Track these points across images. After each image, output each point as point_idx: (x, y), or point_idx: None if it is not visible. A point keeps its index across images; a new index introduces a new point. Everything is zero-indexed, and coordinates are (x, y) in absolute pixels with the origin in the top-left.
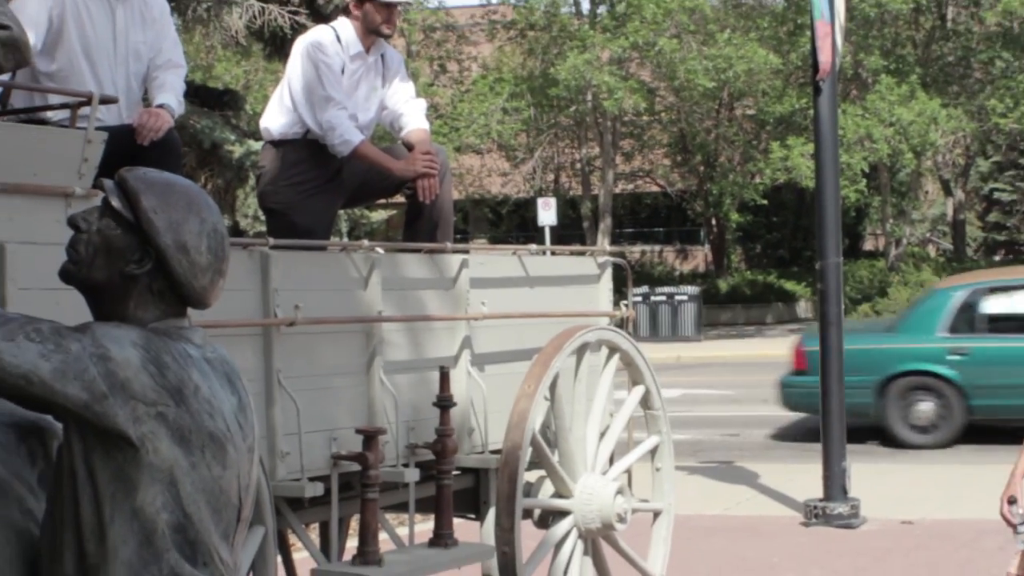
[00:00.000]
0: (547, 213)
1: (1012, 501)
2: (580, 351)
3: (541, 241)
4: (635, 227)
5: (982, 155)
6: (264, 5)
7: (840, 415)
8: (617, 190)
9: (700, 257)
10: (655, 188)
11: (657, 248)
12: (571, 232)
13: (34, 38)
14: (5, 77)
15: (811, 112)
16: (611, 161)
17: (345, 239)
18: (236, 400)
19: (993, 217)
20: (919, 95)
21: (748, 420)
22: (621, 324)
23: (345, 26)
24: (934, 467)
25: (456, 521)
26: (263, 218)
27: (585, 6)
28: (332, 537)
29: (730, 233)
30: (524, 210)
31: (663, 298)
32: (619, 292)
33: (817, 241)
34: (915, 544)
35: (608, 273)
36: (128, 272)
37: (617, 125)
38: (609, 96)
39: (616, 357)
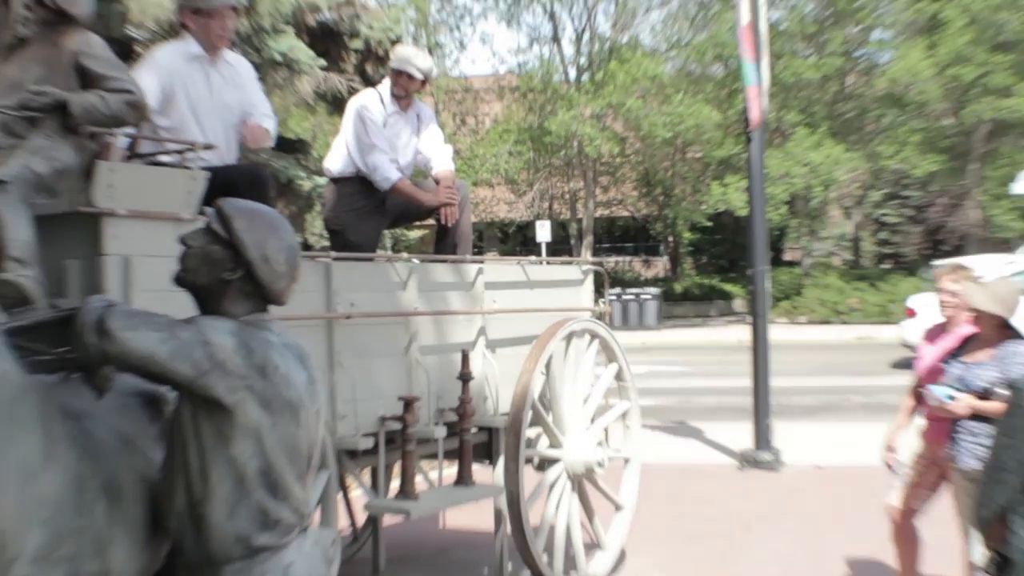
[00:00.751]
0: (543, 232)
1: (892, 450)
2: (568, 338)
3: (538, 254)
4: (610, 243)
5: (873, 188)
6: (326, 74)
7: (765, 384)
8: (596, 214)
9: (660, 266)
10: (625, 213)
11: (627, 259)
12: (561, 246)
13: (153, 99)
14: (131, 130)
15: (744, 155)
16: (592, 192)
17: (389, 252)
18: (306, 376)
19: (882, 235)
20: (826, 143)
21: (697, 389)
22: (600, 317)
23: (386, 89)
24: (839, 425)
25: (474, 467)
26: (326, 236)
27: (572, 74)
28: (380, 479)
29: (683, 247)
30: (526, 230)
31: (632, 297)
32: (598, 292)
33: (749, 253)
34: (823, 484)
35: (590, 278)
36: (224, 278)
37: (596, 165)
38: (590, 143)
39: (596, 342)
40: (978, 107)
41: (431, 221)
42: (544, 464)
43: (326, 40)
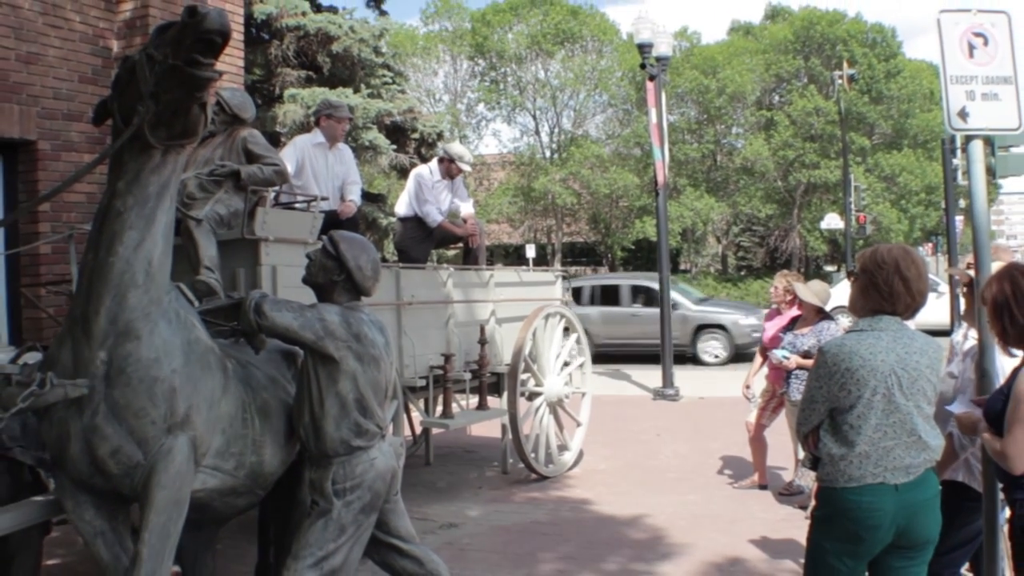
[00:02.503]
0: (530, 251)
1: (748, 387)
2: (546, 317)
3: (527, 265)
4: (572, 257)
5: (734, 224)
6: (396, 154)
7: (669, 345)
8: (564, 240)
9: (603, 272)
10: (581, 239)
11: (582, 267)
12: (542, 260)
13: (291, 169)
14: (277, 189)
15: (654, 204)
16: (560, 227)
17: (435, 263)
18: (384, 340)
19: (740, 254)
20: (704, 196)
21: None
22: (566, 304)
23: (434, 165)
24: (715, 372)
25: (489, 398)
26: (396, 254)
27: (547, 153)
28: (429, 405)
29: (617, 261)
30: (520, 250)
31: None
32: (567, 286)
33: (658, 265)
34: (706, 409)
35: (560, 280)
36: (333, 279)
37: (562, 210)
38: (559, 196)
39: (563, 320)
40: (798, 175)
41: (460, 244)
42: (532, 396)
43: (396, 133)
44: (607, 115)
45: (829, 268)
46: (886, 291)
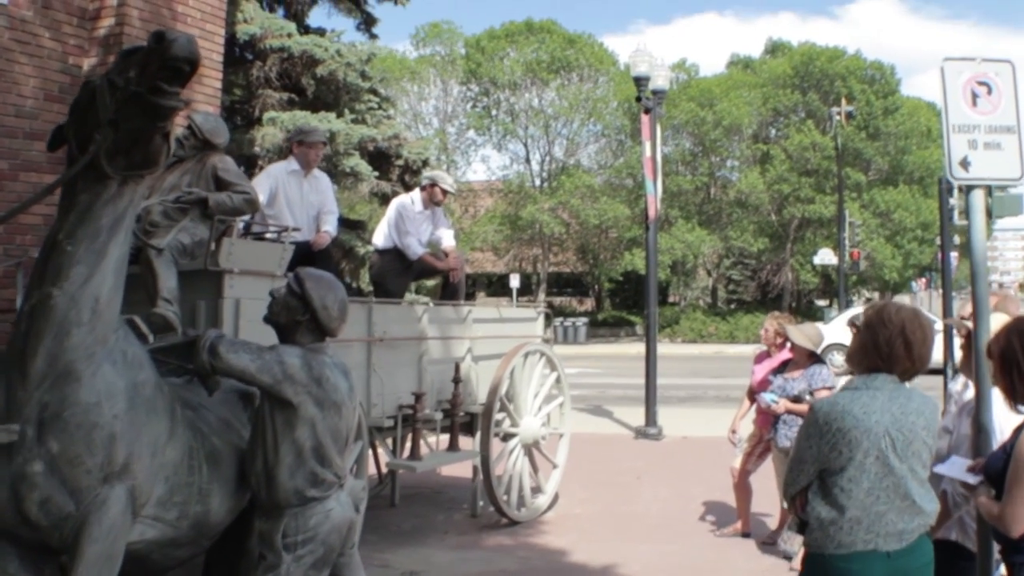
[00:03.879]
0: (514, 281)
1: (734, 432)
2: (525, 356)
3: (511, 295)
4: (558, 287)
5: (726, 257)
6: (378, 181)
7: (654, 382)
8: (549, 270)
9: (589, 303)
10: (568, 269)
11: (568, 298)
12: (527, 290)
13: (263, 197)
14: (247, 219)
15: (644, 236)
16: (546, 256)
17: (413, 295)
18: (347, 385)
19: (731, 287)
20: (696, 229)
21: (610, 385)
22: (546, 342)
23: (416, 195)
24: (701, 410)
25: (461, 438)
26: (372, 286)
27: (537, 182)
28: (396, 446)
29: (604, 292)
30: (504, 279)
31: (569, 323)
32: (549, 323)
33: (645, 298)
34: (689, 449)
35: (541, 317)
36: (297, 319)
37: (550, 239)
38: (546, 225)
39: (544, 359)
40: (792, 209)
41: (439, 278)
42: (507, 437)
43: (380, 159)
44: (600, 145)
45: (821, 303)
46: (886, 351)
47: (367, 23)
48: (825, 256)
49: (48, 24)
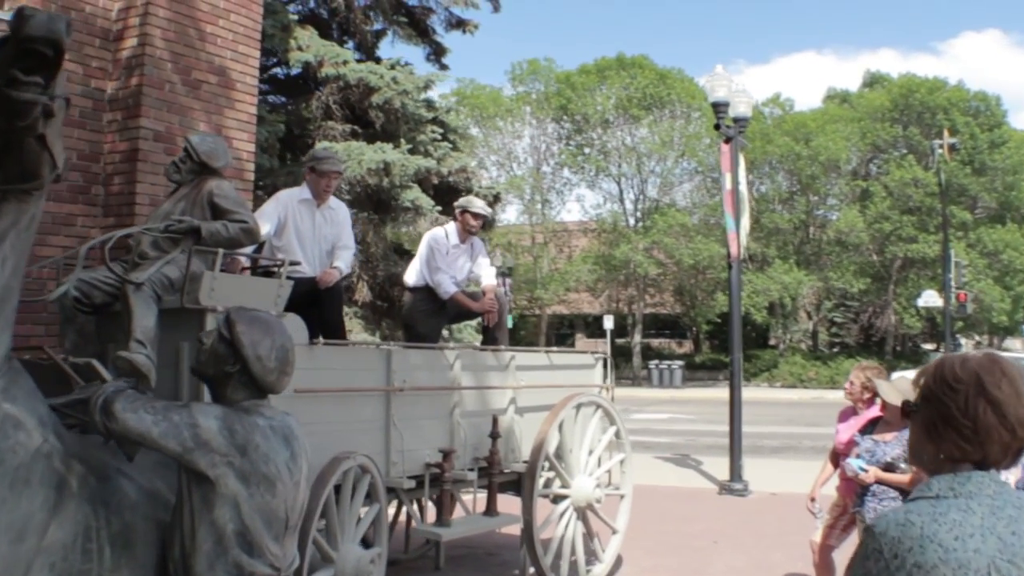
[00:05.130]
0: (608, 323)
1: (813, 500)
2: (577, 407)
3: (605, 338)
4: (655, 329)
5: (827, 299)
6: (441, 216)
7: (739, 432)
8: (645, 311)
9: (687, 345)
10: (665, 311)
11: (666, 340)
12: (622, 332)
13: (269, 227)
14: (249, 250)
15: (743, 275)
16: (641, 296)
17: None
18: (289, 453)
19: (833, 330)
20: (794, 269)
21: (701, 432)
22: (607, 389)
23: (452, 227)
24: (795, 461)
25: (507, 497)
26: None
27: (631, 221)
28: (423, 508)
29: (702, 334)
30: (600, 321)
31: (665, 366)
32: (616, 368)
33: (729, 341)
34: (776, 508)
35: (600, 364)
36: (226, 371)
37: (645, 279)
38: (640, 265)
39: (600, 411)
40: (894, 248)
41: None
42: (557, 499)
43: (447, 193)
44: (695, 183)
45: (927, 347)
46: (967, 427)
47: (436, 53)
48: (930, 298)
49: (69, 46)
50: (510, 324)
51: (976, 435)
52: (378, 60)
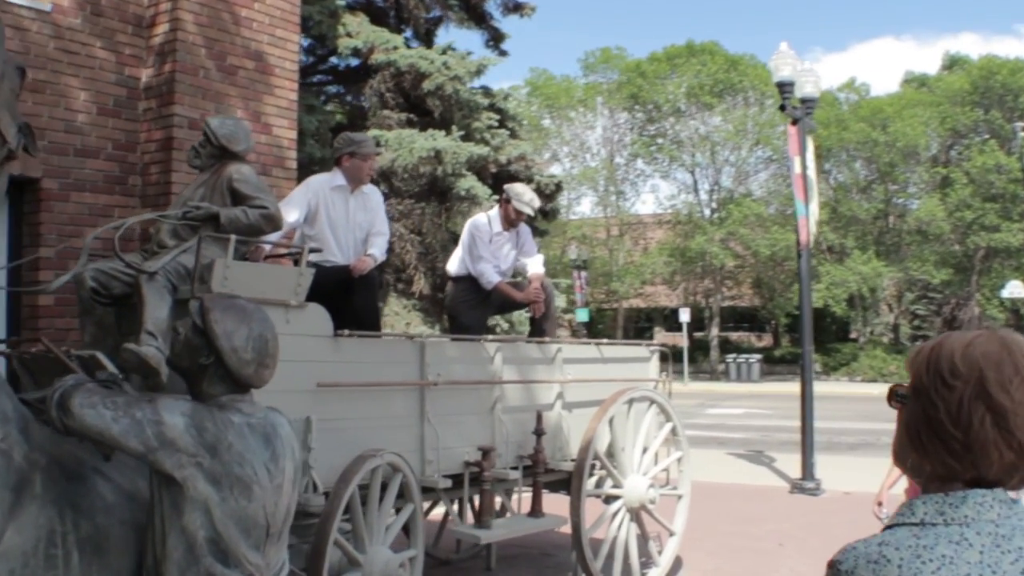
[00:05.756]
0: (684, 316)
1: (880, 504)
2: (629, 403)
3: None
4: (733, 323)
5: (909, 290)
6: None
7: (811, 429)
8: (723, 304)
9: (767, 339)
10: (743, 304)
11: (744, 334)
12: (700, 326)
13: (298, 214)
14: (273, 237)
15: (820, 267)
16: (719, 289)
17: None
18: (269, 453)
19: (915, 322)
20: (873, 260)
21: (777, 428)
22: (664, 383)
23: (495, 213)
24: (872, 459)
25: (556, 497)
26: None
27: (706, 212)
28: (463, 508)
29: (781, 327)
30: (677, 314)
31: (743, 360)
32: (693, 363)
33: (800, 335)
34: (849, 508)
35: (656, 355)
36: (200, 363)
37: (722, 271)
38: (715, 257)
39: (654, 407)
40: (976, 238)
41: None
42: (609, 499)
43: (507, 181)
44: (771, 171)
45: None
46: (956, 440)
47: (494, 39)
48: (1015, 288)
49: (99, 33)
50: (586, 318)
51: (967, 451)
52: (431, 44)
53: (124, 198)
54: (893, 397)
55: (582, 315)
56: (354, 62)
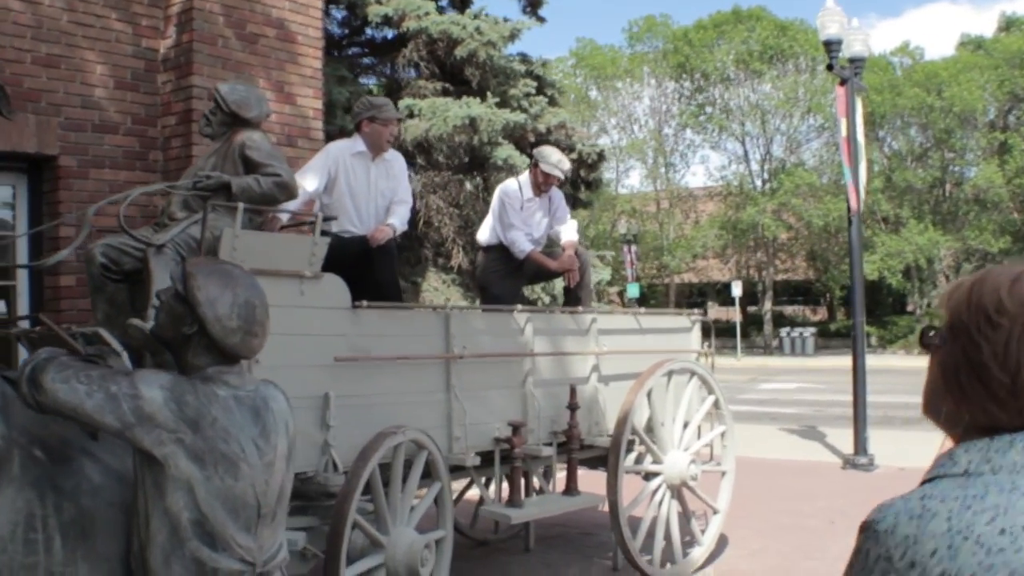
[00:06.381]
0: (736, 289)
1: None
2: (668, 375)
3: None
4: (787, 296)
5: (966, 261)
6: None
7: (864, 403)
8: (777, 277)
9: (821, 312)
10: (797, 277)
11: (799, 307)
12: (753, 300)
13: (317, 183)
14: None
15: (875, 238)
16: (771, 261)
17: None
18: (259, 428)
19: None
20: (929, 229)
21: (830, 402)
22: (706, 355)
23: (526, 179)
24: (928, 434)
25: (594, 473)
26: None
27: (757, 183)
28: (493, 486)
29: (836, 300)
30: (729, 288)
31: (796, 334)
32: (746, 337)
33: (851, 306)
34: (904, 483)
35: (698, 326)
36: (184, 332)
37: (775, 244)
38: (767, 229)
39: (695, 379)
40: None
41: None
42: (649, 476)
43: None
44: (823, 140)
45: None
46: (1003, 385)
47: (532, 4)
48: None
49: (115, 3)
50: (637, 294)
51: (1014, 398)
52: (475, 17)
53: (145, 174)
54: (925, 338)
55: (633, 290)
56: (389, 34)
